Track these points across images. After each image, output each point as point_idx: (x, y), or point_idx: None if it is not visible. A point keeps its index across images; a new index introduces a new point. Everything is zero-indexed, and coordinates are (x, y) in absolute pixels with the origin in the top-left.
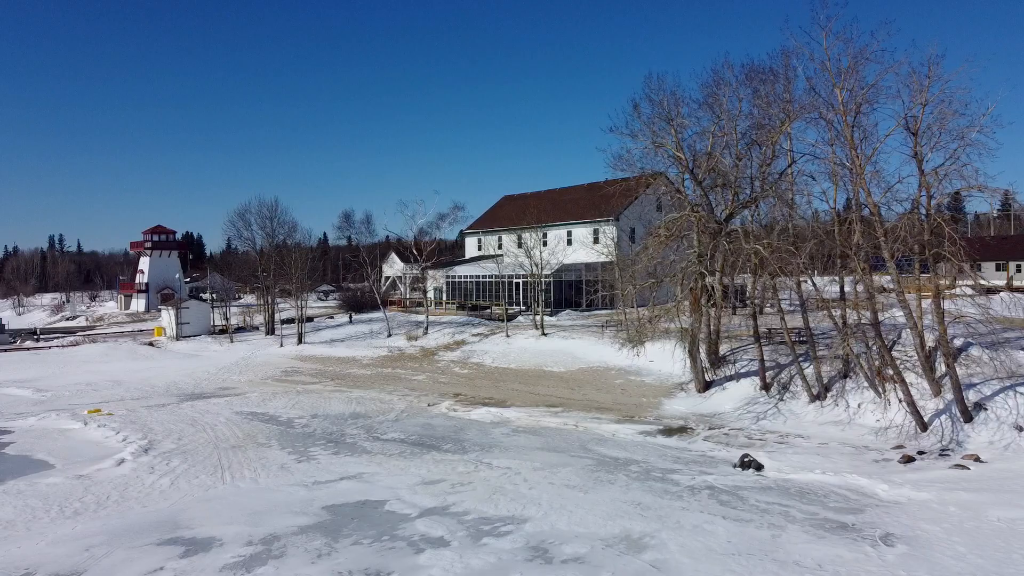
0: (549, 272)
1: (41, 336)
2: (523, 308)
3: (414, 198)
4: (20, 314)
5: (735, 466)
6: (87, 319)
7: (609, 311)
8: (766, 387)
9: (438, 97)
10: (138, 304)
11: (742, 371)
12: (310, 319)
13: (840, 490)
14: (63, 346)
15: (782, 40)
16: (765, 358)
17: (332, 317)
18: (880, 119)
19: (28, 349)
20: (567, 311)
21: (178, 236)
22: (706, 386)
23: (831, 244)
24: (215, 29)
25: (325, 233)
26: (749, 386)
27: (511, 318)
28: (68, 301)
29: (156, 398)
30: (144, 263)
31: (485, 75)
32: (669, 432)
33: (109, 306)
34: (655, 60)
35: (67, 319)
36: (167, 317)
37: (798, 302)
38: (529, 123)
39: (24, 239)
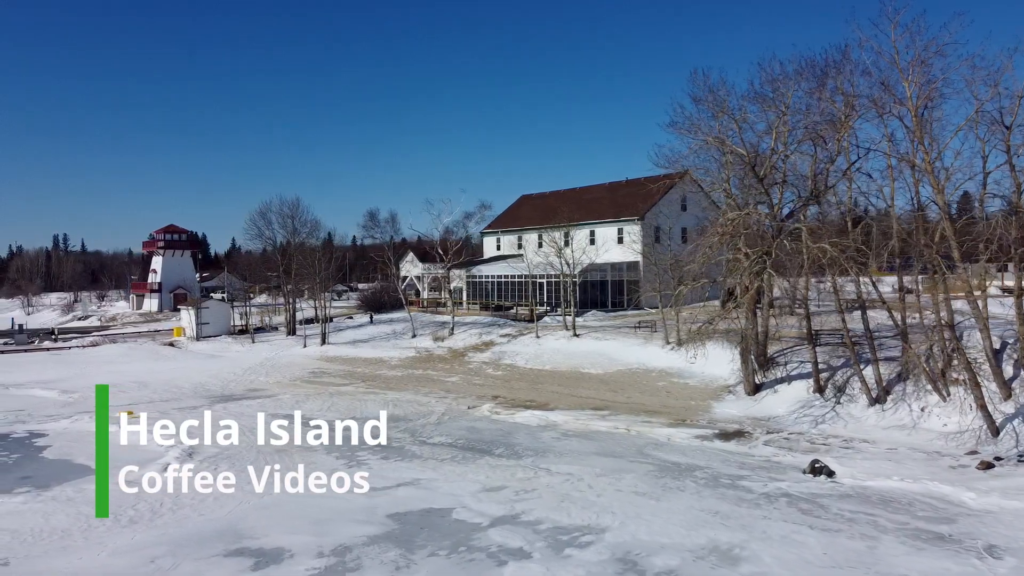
0: (575, 272)
1: (59, 336)
2: (547, 309)
3: (423, 198)
4: (29, 314)
5: (805, 472)
6: (100, 319)
7: (636, 311)
8: (820, 390)
9: (448, 97)
10: (151, 304)
11: (792, 373)
12: (330, 319)
13: (924, 498)
14: (83, 346)
15: (845, 33)
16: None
17: (351, 317)
18: (944, 113)
19: (48, 349)
20: (593, 311)
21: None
22: (756, 389)
23: (910, 243)
24: (223, 30)
25: (330, 233)
26: (801, 389)
27: (537, 319)
28: (77, 301)
29: (185, 400)
30: (157, 262)
31: (498, 75)
32: (726, 436)
33: (120, 306)
34: (659, 60)
35: (79, 319)
36: (187, 317)
37: (839, 302)
38: (543, 122)
39: (27, 239)
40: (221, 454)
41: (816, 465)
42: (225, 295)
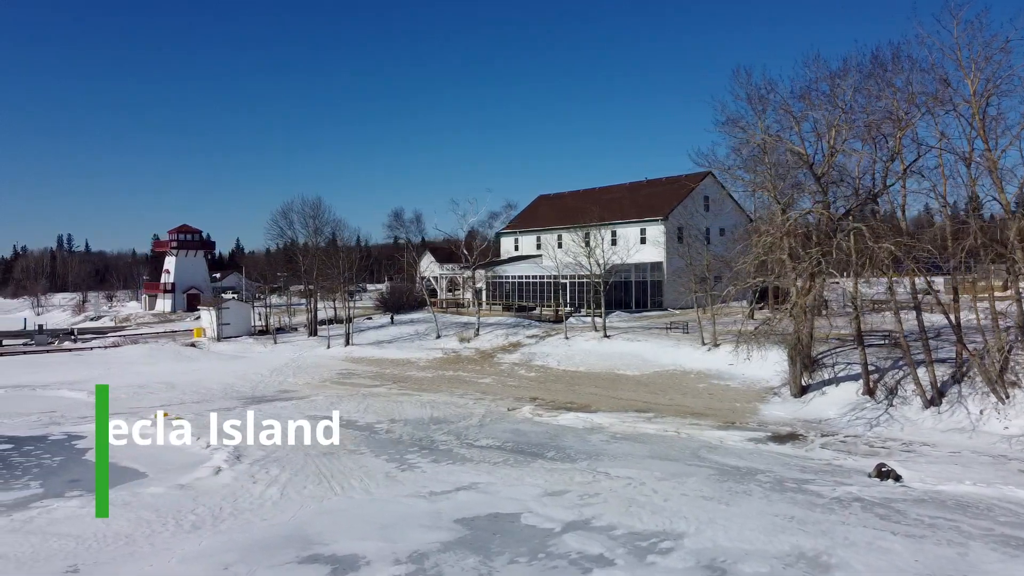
0: (590, 273)
1: (79, 337)
2: (571, 309)
3: (448, 198)
4: (39, 314)
5: (870, 476)
6: (112, 319)
7: (660, 312)
8: (870, 392)
9: (449, 98)
10: (164, 304)
11: (840, 375)
12: (350, 320)
13: (1002, 503)
14: (105, 347)
15: (904, 30)
16: (857, 361)
17: (370, 318)
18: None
19: (69, 350)
20: (617, 312)
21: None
22: (802, 391)
23: (960, 242)
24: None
25: (335, 233)
26: (850, 391)
27: (561, 320)
28: (85, 301)
29: (217, 401)
30: (170, 263)
31: (498, 75)
32: (779, 439)
33: (131, 306)
34: (661, 60)
35: (92, 319)
36: (207, 318)
37: (895, 303)
38: (555, 123)
39: (30, 239)
40: (268, 456)
41: (883, 469)
42: (241, 295)
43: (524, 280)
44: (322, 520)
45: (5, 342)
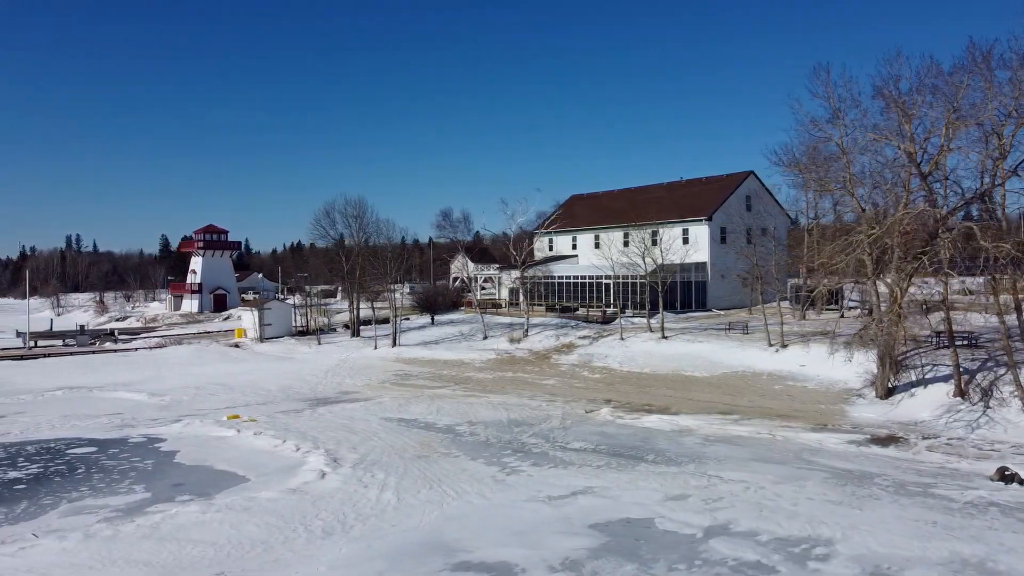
0: (645, 273)
1: (119, 338)
2: (615, 310)
3: (497, 197)
4: (59, 314)
5: (992, 479)
6: (139, 320)
7: (705, 312)
8: (961, 393)
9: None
10: (191, 305)
11: (927, 376)
12: (386, 320)
13: None
14: (150, 348)
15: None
16: (944, 363)
17: (408, 318)
18: None
19: (114, 351)
20: (659, 313)
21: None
22: (888, 392)
23: None
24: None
25: (342, 234)
26: (940, 392)
27: (608, 320)
28: (101, 301)
29: (281, 403)
30: (196, 263)
31: (517, 79)
32: (880, 442)
33: (154, 307)
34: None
35: (116, 320)
36: (249, 318)
37: (999, 304)
38: (587, 122)
39: (36, 239)
40: (364, 460)
41: (1006, 472)
42: (269, 295)
43: (566, 280)
44: (452, 526)
45: (45, 343)
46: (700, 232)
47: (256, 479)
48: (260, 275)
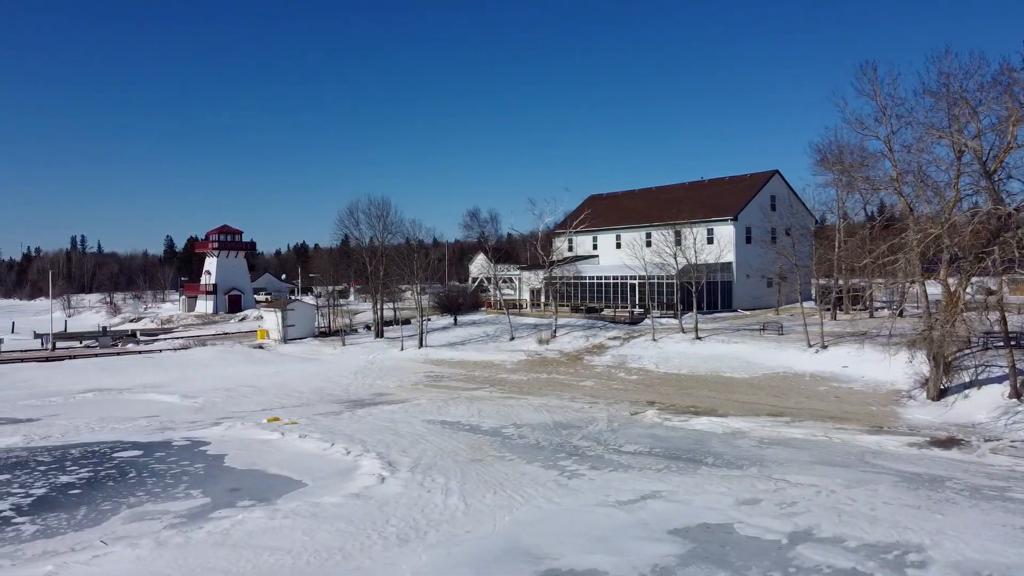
0: (677, 272)
1: (140, 339)
2: (642, 311)
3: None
4: (70, 316)
5: None
6: (153, 320)
7: (731, 313)
8: (1017, 395)
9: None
10: (205, 306)
11: (980, 377)
12: (407, 321)
13: None
14: (174, 349)
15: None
16: (996, 364)
17: (429, 319)
18: None
19: (138, 352)
20: (689, 313)
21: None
22: (940, 394)
23: None
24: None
25: (346, 234)
26: (995, 394)
27: (636, 321)
28: (113, 302)
29: (317, 405)
30: (211, 263)
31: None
32: (941, 444)
33: (167, 307)
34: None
35: (130, 321)
36: (272, 319)
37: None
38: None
39: (39, 240)
40: (418, 463)
41: None
42: (283, 296)
43: (591, 281)
44: (529, 532)
45: (64, 344)
46: (725, 232)
47: (313, 483)
48: (274, 276)
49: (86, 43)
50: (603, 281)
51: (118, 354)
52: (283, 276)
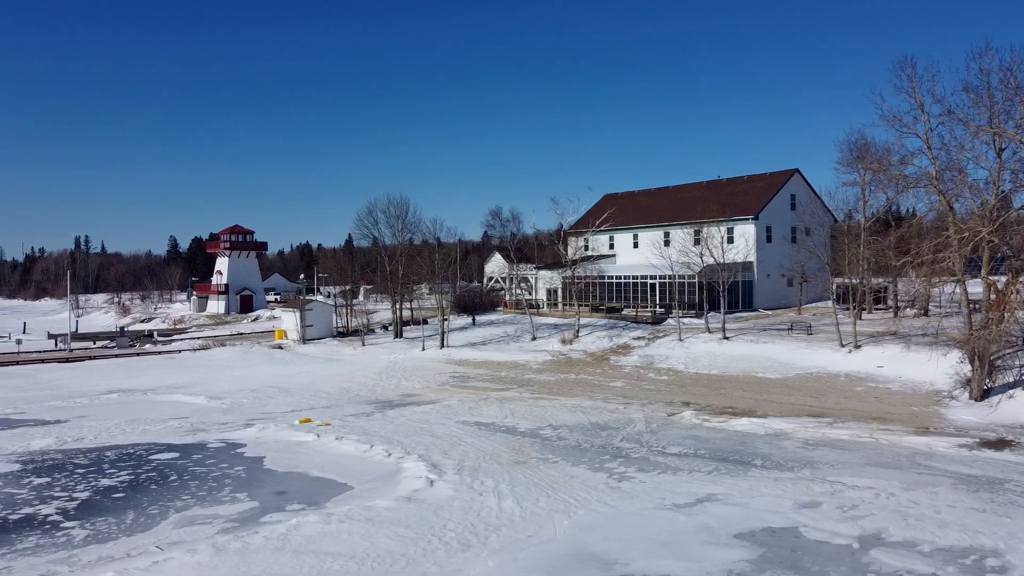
0: (693, 273)
1: (158, 340)
2: (662, 311)
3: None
4: (79, 316)
5: None
6: (164, 321)
7: (752, 312)
8: None
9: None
10: (217, 306)
11: (1022, 378)
12: (424, 321)
13: None
14: (194, 350)
15: None
16: None
17: (447, 319)
18: None
19: (156, 353)
20: (710, 313)
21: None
22: (984, 394)
23: None
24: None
25: (350, 234)
26: None
27: (658, 321)
28: (121, 303)
29: (345, 406)
30: (222, 263)
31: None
32: (992, 446)
33: (176, 308)
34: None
35: (141, 321)
36: (290, 319)
37: None
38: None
39: (41, 240)
40: (462, 465)
41: None
42: (291, 296)
43: (610, 281)
44: (592, 537)
45: (78, 345)
46: (747, 231)
47: (359, 487)
48: (280, 276)
49: (86, 44)
50: (624, 281)
51: (137, 355)
52: (301, 276)
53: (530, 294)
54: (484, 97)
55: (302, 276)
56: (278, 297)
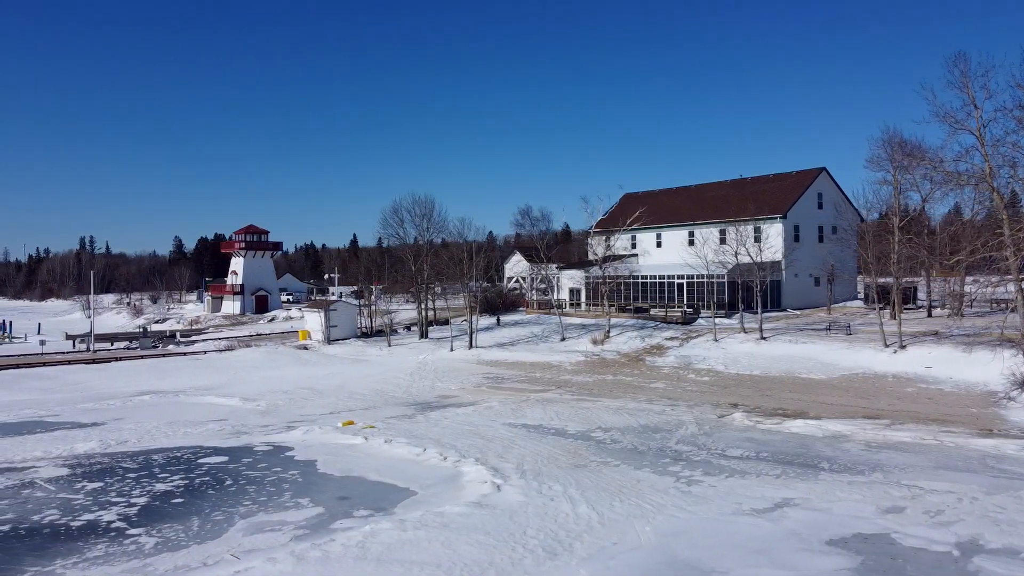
0: (723, 272)
1: (180, 340)
2: (690, 311)
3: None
4: (89, 316)
5: None
6: (179, 321)
7: (780, 312)
8: None
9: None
10: (232, 306)
11: None
12: (446, 321)
13: None
14: (219, 351)
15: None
16: None
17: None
18: None
19: (181, 354)
20: (743, 313)
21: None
22: None
23: None
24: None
25: (355, 234)
26: None
27: (689, 321)
28: (132, 303)
29: (383, 408)
30: (237, 264)
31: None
32: None
33: (189, 308)
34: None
35: (155, 322)
36: (314, 320)
37: None
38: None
39: (44, 242)
40: (522, 469)
41: None
42: (302, 296)
43: (637, 280)
44: (679, 544)
45: (97, 346)
46: (774, 230)
47: (423, 492)
48: (292, 276)
49: (86, 44)
50: (652, 280)
51: (163, 355)
52: (327, 275)
53: (553, 294)
54: (492, 96)
55: (327, 276)
56: (290, 297)
